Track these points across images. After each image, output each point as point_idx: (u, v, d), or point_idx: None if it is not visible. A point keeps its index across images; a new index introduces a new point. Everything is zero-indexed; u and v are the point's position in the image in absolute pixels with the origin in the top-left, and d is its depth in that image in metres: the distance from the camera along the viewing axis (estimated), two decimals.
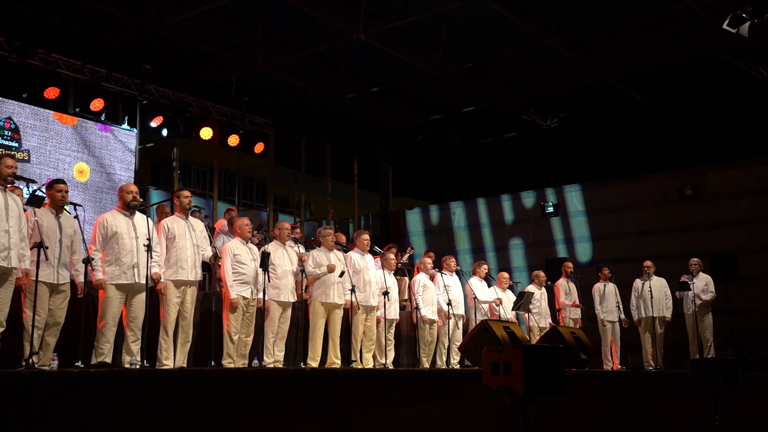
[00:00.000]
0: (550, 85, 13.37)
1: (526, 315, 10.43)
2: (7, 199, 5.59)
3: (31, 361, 5.40)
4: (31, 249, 5.65)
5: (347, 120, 15.05)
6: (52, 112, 11.05)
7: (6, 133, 10.49)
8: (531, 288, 10.69)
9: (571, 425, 7.32)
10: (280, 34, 11.50)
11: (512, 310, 10.16)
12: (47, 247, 5.64)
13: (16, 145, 10.58)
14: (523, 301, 10.04)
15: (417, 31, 11.48)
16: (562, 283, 10.86)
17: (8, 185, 5.66)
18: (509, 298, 10.41)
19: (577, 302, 10.74)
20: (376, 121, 15.12)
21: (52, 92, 10.70)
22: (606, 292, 10.77)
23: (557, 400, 5.26)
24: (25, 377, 3.94)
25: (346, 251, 8.46)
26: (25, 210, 6.11)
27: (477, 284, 10.11)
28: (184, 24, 10.77)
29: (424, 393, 6.41)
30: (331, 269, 7.83)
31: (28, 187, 7.56)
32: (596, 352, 9.96)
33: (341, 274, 7.86)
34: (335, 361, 7.91)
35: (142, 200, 6.61)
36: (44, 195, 6.27)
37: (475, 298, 9.85)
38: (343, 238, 8.80)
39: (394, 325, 8.83)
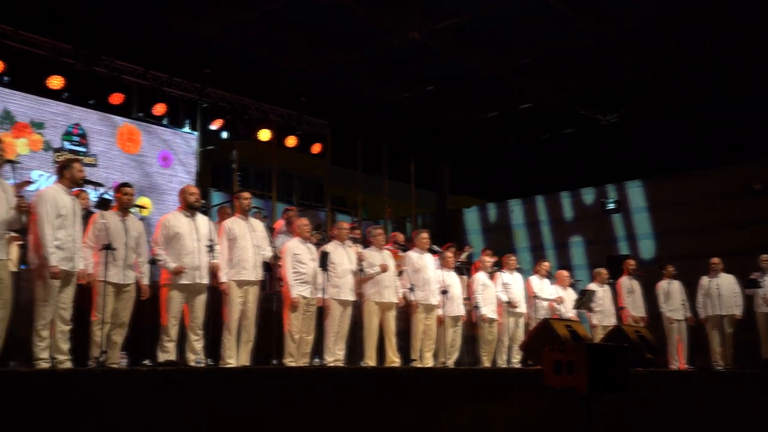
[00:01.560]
0: (608, 79, 13.09)
1: (588, 313, 10.25)
2: (75, 205, 5.78)
3: (101, 359, 5.57)
4: (99, 250, 5.83)
5: (403, 119, 15.04)
6: (117, 117, 11.37)
7: (75, 138, 10.85)
8: (592, 286, 10.50)
9: (636, 426, 7.16)
10: (336, 35, 11.56)
11: (574, 308, 10.01)
12: (115, 249, 5.80)
13: (84, 150, 10.92)
14: (584, 300, 9.87)
15: (471, 28, 11.38)
16: (625, 281, 10.63)
17: (73, 189, 5.86)
18: (570, 296, 10.24)
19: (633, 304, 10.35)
20: (432, 120, 15.07)
21: (116, 98, 11.02)
22: (671, 290, 10.49)
23: (622, 400, 5.15)
24: (96, 374, 4.06)
25: (404, 250, 8.47)
26: (93, 212, 6.31)
27: (537, 282, 9.98)
28: (241, 28, 10.93)
29: (485, 392, 6.36)
30: (384, 269, 7.85)
31: (96, 191, 7.78)
32: (662, 352, 9.72)
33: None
34: (394, 359, 7.92)
35: (203, 201, 6.75)
36: (111, 198, 6.46)
37: (536, 296, 9.73)
38: (401, 238, 8.80)
39: (460, 322, 8.79)
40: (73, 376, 4.15)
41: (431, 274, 8.43)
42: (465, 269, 9.90)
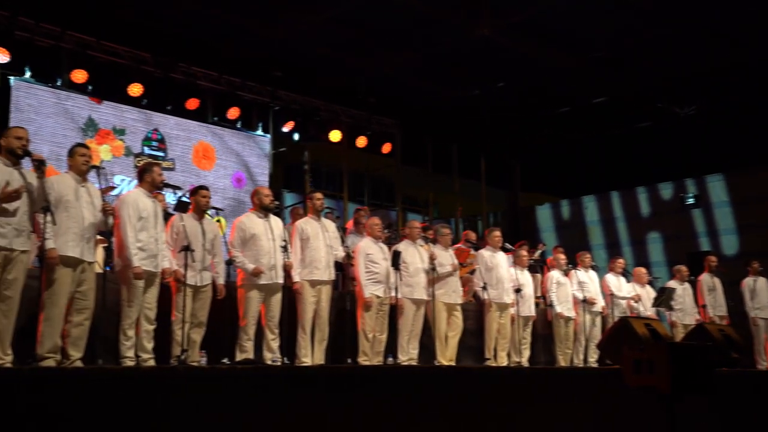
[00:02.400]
0: (685, 69, 12.67)
1: (668, 312, 9.96)
2: (155, 207, 5.98)
3: (182, 357, 5.74)
4: (177, 252, 6.01)
5: (473, 117, 14.94)
6: (193, 122, 11.70)
7: (154, 143, 11.22)
8: (672, 283, 10.18)
9: (720, 427, 6.92)
10: (404, 34, 11.58)
11: (653, 306, 9.74)
12: (194, 250, 5.97)
13: (163, 154, 11.28)
14: (664, 297, 9.59)
15: (541, 23, 11.21)
16: (706, 279, 10.26)
17: (153, 192, 6.06)
18: (649, 294, 9.97)
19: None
20: (503, 117, 14.91)
21: (192, 103, 11.33)
22: (757, 288, 10.07)
23: (705, 401, 4.99)
24: (179, 372, 4.18)
25: (476, 249, 8.42)
26: (172, 215, 6.50)
27: (614, 280, 9.75)
28: (311, 30, 11.08)
29: (561, 392, 6.26)
30: (455, 268, 7.82)
31: (174, 194, 8.02)
32: (748, 351, 9.35)
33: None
34: (452, 358, 7.89)
35: (277, 203, 6.87)
36: (189, 201, 6.64)
37: (612, 294, 9.53)
38: (473, 236, 8.75)
39: (530, 322, 8.70)
40: (157, 373, 4.29)
41: (504, 273, 8.35)
42: (538, 267, 9.78)
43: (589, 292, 9.21)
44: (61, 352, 5.26)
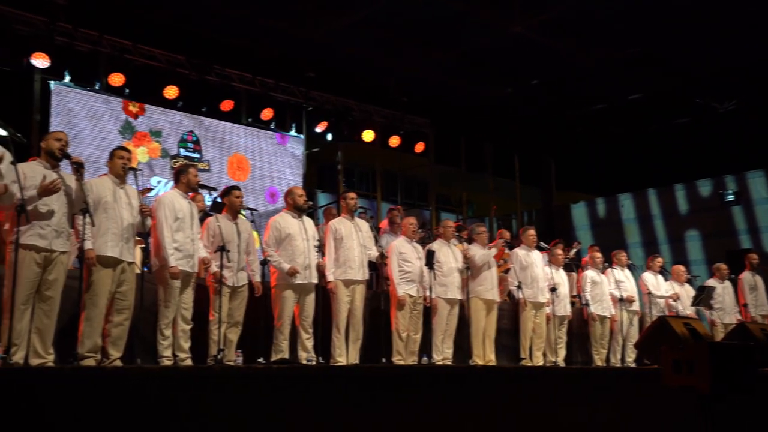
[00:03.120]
0: (723, 64, 12.42)
1: (707, 311, 9.78)
2: (191, 208, 6.05)
3: (218, 356, 5.80)
4: (214, 252, 6.08)
5: (506, 115, 14.85)
6: (228, 123, 11.82)
7: (189, 145, 11.36)
8: (712, 282, 10.00)
9: (761, 429, 6.77)
10: (437, 33, 11.55)
11: (692, 305, 9.58)
12: (229, 251, 6.02)
13: (198, 156, 11.41)
14: (703, 296, 9.43)
15: (575, 19, 11.09)
16: (747, 277, 10.06)
17: (190, 193, 6.14)
18: (687, 293, 9.81)
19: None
20: (537, 115, 14.79)
21: (227, 105, 11.44)
22: None
23: (747, 401, 4.89)
24: (215, 372, 4.22)
25: (511, 248, 8.38)
26: (208, 215, 6.57)
27: (651, 279, 9.62)
28: (343, 31, 11.11)
29: (597, 392, 6.19)
30: (489, 266, 7.80)
31: (209, 195, 8.10)
32: None
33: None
34: (491, 358, 7.86)
35: (311, 203, 6.90)
36: (223, 202, 6.70)
37: (650, 293, 9.39)
38: (507, 235, 8.71)
39: (565, 322, 8.62)
40: (194, 373, 4.33)
41: (539, 272, 8.30)
42: (574, 266, 9.68)
43: (627, 290, 9.11)
44: (101, 352, 5.36)
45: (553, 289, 8.30)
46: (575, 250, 10.71)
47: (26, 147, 5.14)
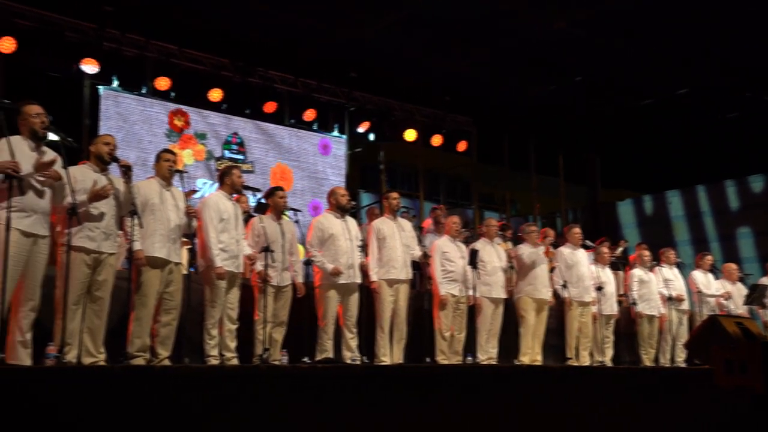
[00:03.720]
0: None
1: (760, 310, 9.53)
2: (236, 209, 6.12)
3: (264, 356, 5.85)
4: (258, 253, 6.14)
5: (550, 112, 14.68)
6: (271, 125, 11.93)
7: (233, 147, 11.50)
8: (765, 280, 9.74)
9: None
10: (479, 30, 11.48)
11: (744, 304, 9.35)
12: (273, 251, 6.08)
13: (242, 157, 11.55)
14: (756, 295, 9.19)
15: (619, 13, 10.91)
16: None
17: (235, 195, 6.21)
18: (740, 291, 9.57)
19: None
20: (581, 111, 14.60)
21: (270, 106, 11.55)
22: None
23: None
24: (261, 371, 4.26)
25: (556, 246, 8.29)
26: (252, 216, 6.64)
27: (701, 277, 9.41)
28: (384, 31, 11.12)
29: (646, 393, 6.08)
30: (539, 263, 7.73)
31: (254, 196, 8.19)
32: None
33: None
34: (537, 358, 7.78)
35: (354, 203, 6.93)
36: (267, 203, 6.76)
37: (700, 291, 9.19)
38: (552, 233, 8.61)
39: (612, 321, 8.49)
40: (240, 372, 4.39)
41: (585, 270, 8.19)
42: (620, 265, 9.53)
43: (676, 289, 8.94)
44: (150, 351, 5.46)
45: (599, 288, 8.18)
46: (622, 248, 10.55)
47: (77, 151, 5.26)
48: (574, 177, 16.74)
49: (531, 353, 7.71)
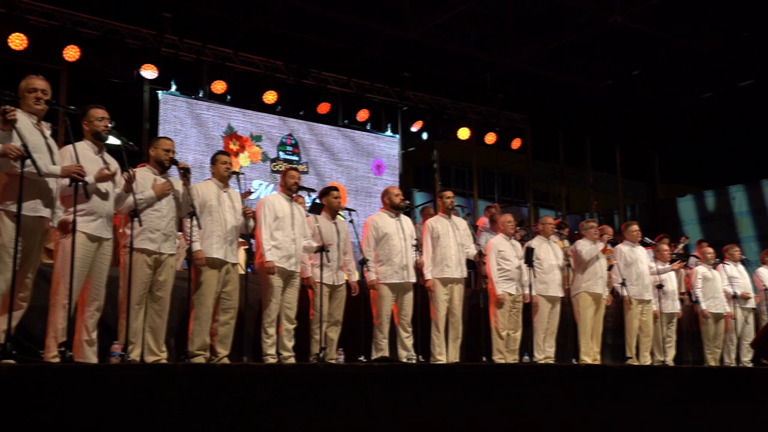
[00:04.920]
0: None
1: None
2: (293, 209, 6.19)
3: (320, 355, 5.90)
4: (314, 253, 6.19)
5: (606, 108, 14.43)
6: (324, 125, 12.03)
7: (288, 148, 11.63)
8: None
9: None
10: (532, 27, 11.38)
11: None
12: (329, 251, 6.12)
13: (297, 158, 11.67)
14: None
15: (678, 4, 10.65)
16: None
17: (293, 195, 6.28)
18: None
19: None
20: (639, 106, 14.31)
21: (323, 107, 11.64)
22: None
23: None
24: (319, 369, 4.30)
25: (614, 244, 8.15)
26: (306, 216, 6.70)
27: (767, 274, 9.11)
28: (436, 29, 11.11)
29: (711, 393, 5.92)
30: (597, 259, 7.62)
31: (309, 196, 8.26)
32: None
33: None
34: (596, 357, 7.65)
35: (408, 202, 6.93)
36: (322, 203, 6.81)
37: (766, 289, 8.90)
38: (610, 231, 8.46)
39: (674, 320, 8.29)
40: (298, 371, 4.43)
41: (644, 268, 8.02)
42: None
43: (741, 287, 8.68)
44: (210, 350, 5.56)
45: (659, 286, 8.00)
46: (683, 245, 10.29)
47: (137, 154, 5.39)
48: (632, 173, 16.42)
49: (591, 352, 7.59)
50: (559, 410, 5.14)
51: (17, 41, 8.87)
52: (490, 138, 13.38)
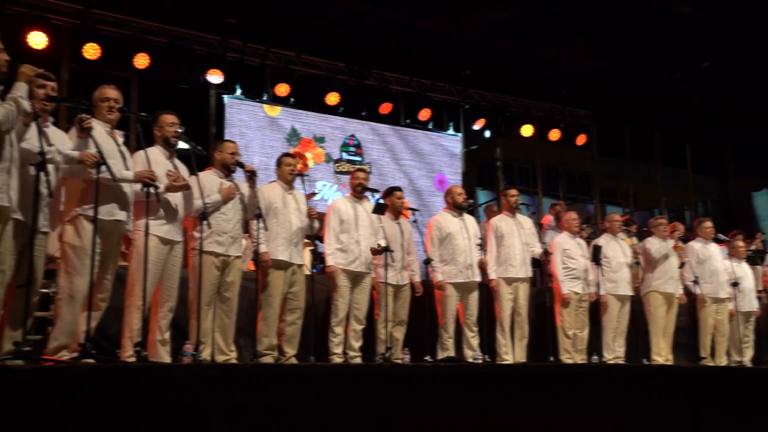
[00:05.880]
0: None
1: None
2: (357, 210, 6.24)
3: (386, 355, 5.93)
4: (379, 253, 6.22)
5: (676, 101, 14.03)
6: (386, 125, 12.06)
7: (351, 149, 11.71)
8: None
9: None
10: (595, 20, 11.14)
11: None
12: (393, 251, 6.14)
13: (360, 159, 11.74)
14: None
15: None
16: None
17: (360, 196, 6.33)
18: None
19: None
20: (710, 99, 13.85)
21: (385, 107, 11.68)
22: None
23: None
24: (385, 369, 4.32)
25: (685, 241, 7.94)
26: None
27: None
28: (497, 26, 11.01)
29: None
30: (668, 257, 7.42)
31: (372, 197, 8.30)
32: None
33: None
34: (668, 357, 7.45)
35: (471, 201, 6.90)
36: (385, 203, 6.83)
37: None
38: (680, 227, 8.23)
39: (752, 318, 8.01)
40: (366, 370, 4.46)
41: (718, 265, 7.79)
42: (759, 258, 8.98)
43: None
44: (278, 350, 5.65)
45: (734, 284, 7.75)
46: (759, 240, 9.93)
47: (206, 158, 5.52)
48: (704, 167, 15.92)
49: (663, 352, 7.40)
50: (629, 410, 5.04)
51: (91, 51, 9.20)
52: (554, 134, 13.18)
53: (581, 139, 13.49)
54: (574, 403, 4.86)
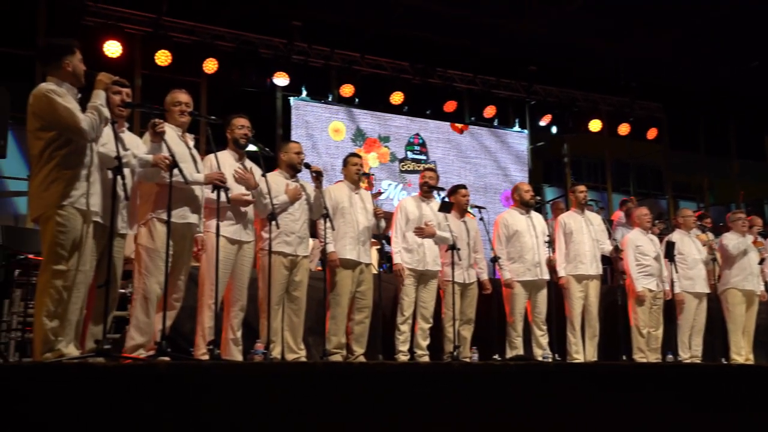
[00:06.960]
0: None
1: None
2: (422, 208, 6.24)
3: (454, 353, 5.91)
4: (445, 251, 6.21)
5: (752, 91, 13.51)
6: (449, 123, 12.02)
7: (416, 148, 11.72)
8: None
9: None
10: (663, 9, 10.83)
11: None
12: (459, 249, 6.12)
13: (425, 158, 11.73)
14: None
15: None
16: None
17: (427, 195, 6.33)
18: None
19: None
20: None
21: (450, 106, 11.64)
22: None
23: None
24: (454, 368, 4.30)
25: (765, 236, 7.64)
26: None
27: None
28: (562, 21, 10.83)
29: None
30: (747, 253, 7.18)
31: (438, 195, 8.28)
32: None
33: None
34: (749, 357, 7.19)
35: (538, 198, 6.81)
36: (451, 201, 6.80)
37: None
38: (759, 222, 7.94)
39: None
40: (434, 369, 4.46)
41: None
42: None
43: None
44: (346, 348, 5.70)
45: None
46: None
47: (273, 159, 5.62)
48: None
49: (743, 351, 7.15)
50: (706, 413, 4.88)
51: (162, 58, 9.50)
52: (624, 129, 12.89)
53: (652, 133, 13.17)
54: (648, 403, 4.74)
